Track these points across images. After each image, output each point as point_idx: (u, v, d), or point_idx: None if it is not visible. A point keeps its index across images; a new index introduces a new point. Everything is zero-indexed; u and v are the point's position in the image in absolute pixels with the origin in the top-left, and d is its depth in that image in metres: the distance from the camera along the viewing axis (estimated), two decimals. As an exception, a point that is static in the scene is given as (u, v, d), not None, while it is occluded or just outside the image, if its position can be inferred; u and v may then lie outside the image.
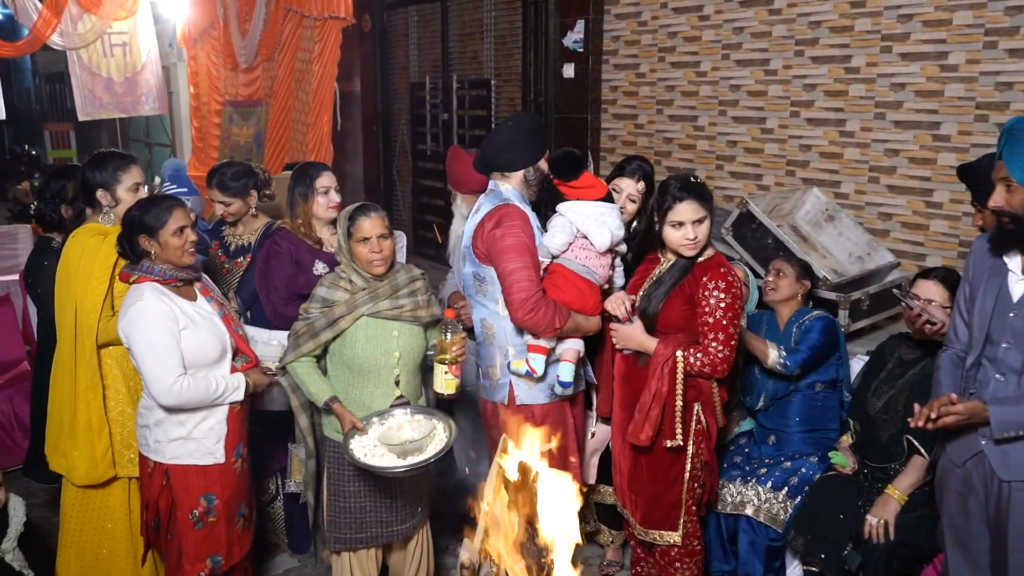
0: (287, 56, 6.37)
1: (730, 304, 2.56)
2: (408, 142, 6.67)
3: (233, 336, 2.55)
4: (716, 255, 2.67)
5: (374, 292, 2.66)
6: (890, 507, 2.61)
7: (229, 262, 3.25)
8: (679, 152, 4.65)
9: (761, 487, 2.95)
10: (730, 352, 2.57)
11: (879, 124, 3.76)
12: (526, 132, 2.72)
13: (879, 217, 3.82)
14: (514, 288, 2.55)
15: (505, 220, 2.58)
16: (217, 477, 2.51)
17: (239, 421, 2.56)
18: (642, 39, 4.75)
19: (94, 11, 7.64)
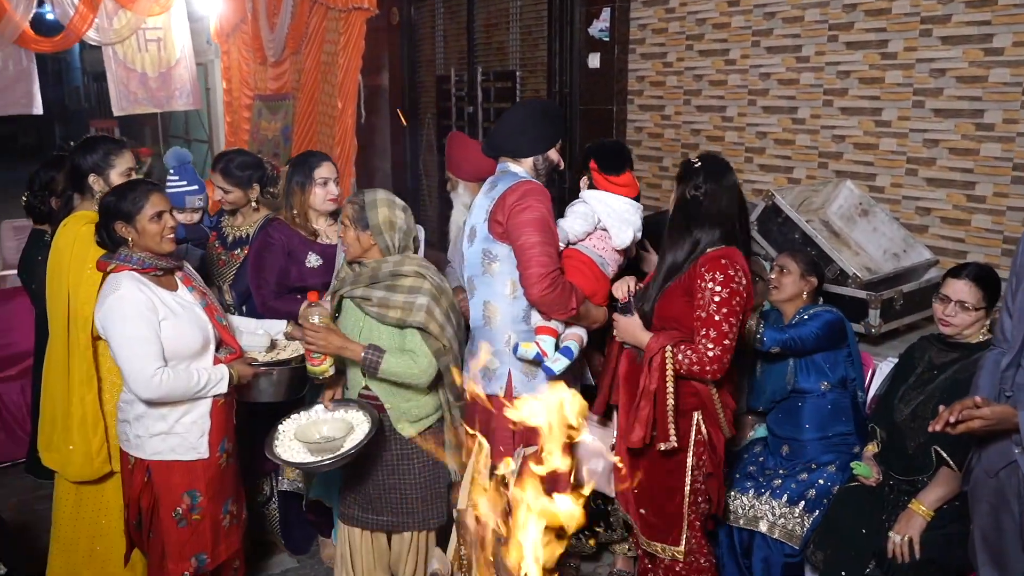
0: (313, 49, 6.32)
1: (725, 299, 2.36)
2: (434, 136, 6.57)
3: (216, 327, 2.45)
4: (726, 248, 2.46)
5: (356, 276, 2.58)
6: (915, 523, 2.41)
7: (226, 254, 3.17)
8: (707, 144, 4.46)
9: (776, 501, 2.77)
10: (722, 352, 2.36)
11: (917, 113, 3.53)
12: (538, 117, 2.63)
13: (917, 211, 3.59)
14: (533, 262, 2.46)
15: (529, 195, 2.50)
16: (201, 473, 2.42)
17: (223, 415, 2.47)
18: (669, 27, 4.56)
19: (129, 7, 7.69)
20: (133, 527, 2.48)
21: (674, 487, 2.50)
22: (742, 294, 2.39)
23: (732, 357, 2.40)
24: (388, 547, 2.71)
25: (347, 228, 2.56)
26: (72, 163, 2.72)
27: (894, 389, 2.69)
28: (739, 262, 2.42)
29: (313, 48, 6.29)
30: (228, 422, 2.52)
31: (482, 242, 2.58)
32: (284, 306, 2.89)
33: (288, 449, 2.41)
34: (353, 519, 2.67)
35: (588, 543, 3.14)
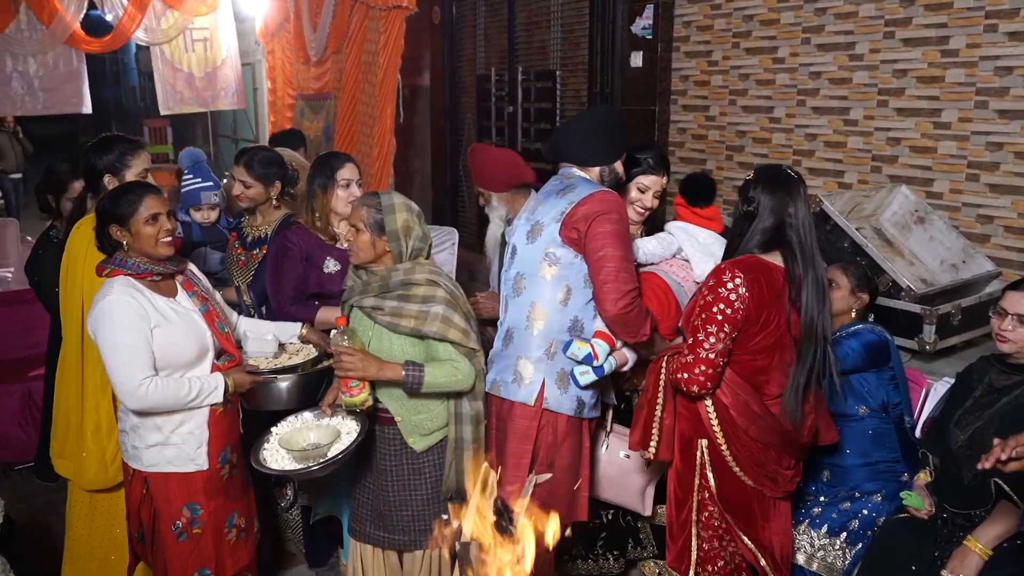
0: (354, 48, 6.27)
1: (708, 303, 2.20)
2: (474, 135, 6.47)
3: (215, 333, 2.36)
4: (748, 257, 2.24)
5: (365, 285, 2.47)
6: (970, 562, 2.20)
7: (245, 254, 3.10)
8: (752, 146, 4.27)
9: (815, 531, 2.58)
10: (694, 361, 2.19)
11: (980, 114, 3.30)
12: (612, 126, 2.52)
13: (978, 219, 3.35)
14: (614, 277, 2.33)
15: (613, 208, 2.37)
16: (201, 485, 2.32)
17: (224, 424, 2.37)
18: (715, 24, 4.38)
19: (177, 7, 7.76)
20: (136, 540, 2.40)
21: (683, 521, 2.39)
22: (732, 304, 2.17)
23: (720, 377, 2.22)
24: (400, 565, 2.60)
25: (361, 232, 2.44)
26: (87, 163, 2.66)
27: (950, 413, 2.47)
28: (746, 269, 2.19)
29: (354, 47, 6.25)
30: (231, 431, 2.42)
31: (547, 243, 2.43)
32: (302, 312, 2.79)
33: (273, 456, 2.32)
34: (364, 535, 2.56)
35: (614, 563, 2.99)
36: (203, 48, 8.23)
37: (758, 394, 2.26)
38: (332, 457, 2.25)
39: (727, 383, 2.25)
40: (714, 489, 2.31)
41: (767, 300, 2.20)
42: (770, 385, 2.27)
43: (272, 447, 2.34)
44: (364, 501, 2.55)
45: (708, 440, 2.30)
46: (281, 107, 8.30)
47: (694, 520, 2.35)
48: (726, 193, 4.47)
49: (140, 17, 7.55)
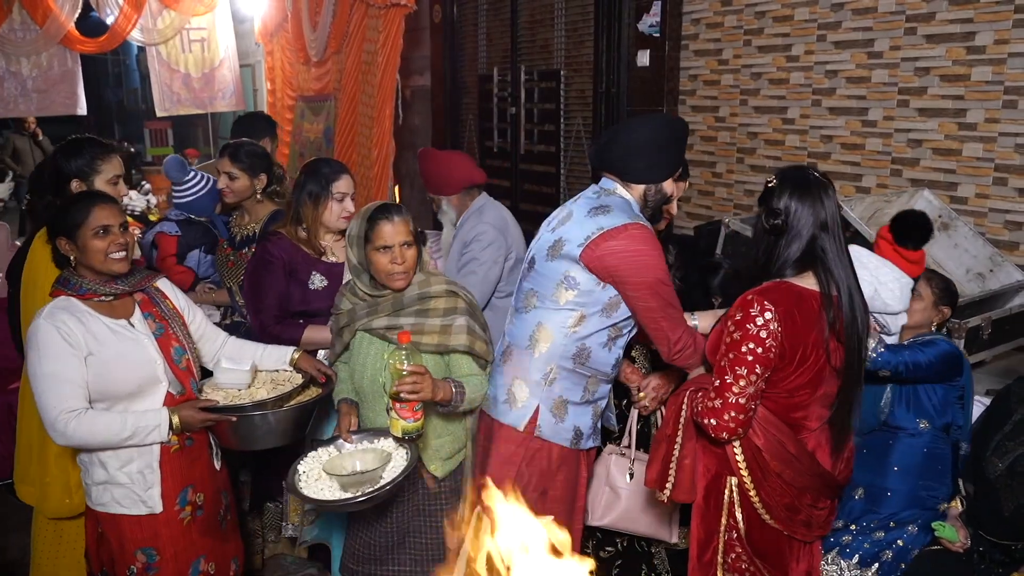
0: (354, 48, 6.11)
1: (735, 343, 1.92)
2: (476, 138, 6.30)
3: (168, 362, 2.14)
4: (781, 282, 1.98)
5: (374, 306, 2.28)
6: None
7: (234, 254, 2.94)
8: (765, 148, 4.09)
9: (845, 561, 2.39)
10: (722, 407, 1.92)
11: (1008, 114, 3.12)
12: (670, 140, 2.23)
13: (1006, 226, 3.17)
14: (663, 335, 2.22)
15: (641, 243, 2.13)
16: (155, 530, 2.10)
17: (181, 463, 2.14)
18: (725, 20, 4.20)
19: (174, 7, 7.62)
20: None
21: (709, 561, 2.14)
22: (763, 342, 1.90)
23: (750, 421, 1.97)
24: None
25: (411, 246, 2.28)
26: (54, 166, 2.48)
27: (986, 438, 2.30)
28: (775, 300, 1.92)
29: (354, 47, 6.09)
30: (193, 471, 2.18)
31: (568, 265, 2.19)
32: (287, 332, 2.58)
33: (316, 488, 2.08)
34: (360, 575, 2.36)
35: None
36: (200, 49, 8.09)
37: (794, 433, 2.00)
38: (389, 482, 2.04)
39: (759, 422, 1.99)
40: (743, 532, 2.07)
41: (803, 333, 1.93)
42: (809, 420, 2.01)
43: (310, 474, 2.13)
44: (366, 539, 2.36)
45: (737, 478, 2.06)
46: (281, 108, 8.14)
47: (719, 563, 2.12)
48: (737, 197, 4.29)
49: (136, 17, 7.41)
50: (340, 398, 2.37)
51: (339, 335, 2.37)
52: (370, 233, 2.23)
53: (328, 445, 2.24)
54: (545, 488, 2.29)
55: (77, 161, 2.46)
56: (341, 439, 2.24)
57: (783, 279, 1.98)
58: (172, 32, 7.79)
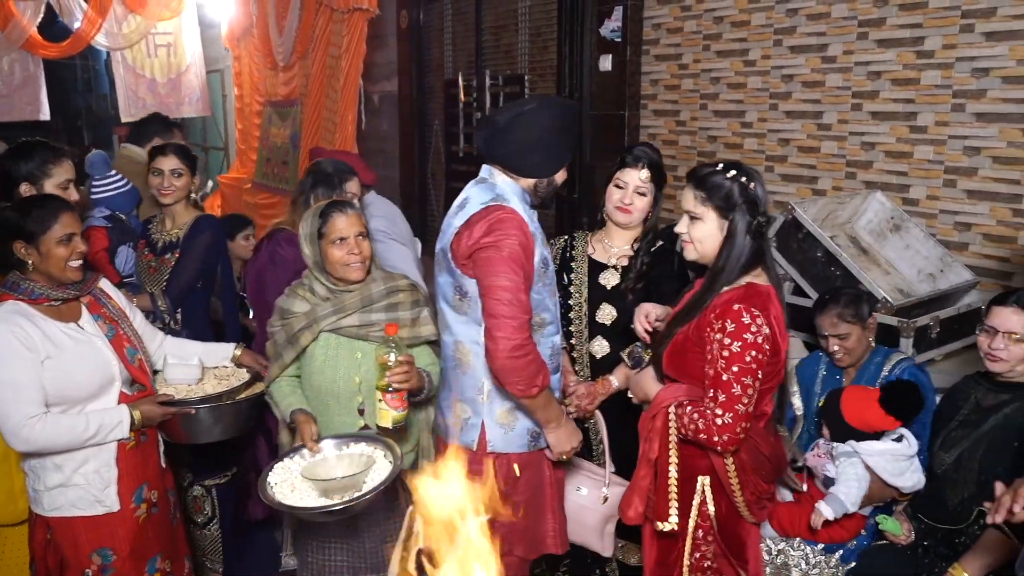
0: (319, 53, 6.10)
1: (737, 354, 1.89)
2: (442, 143, 6.30)
3: (123, 361, 2.14)
4: (748, 285, 1.97)
5: (339, 304, 2.27)
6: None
7: (156, 260, 2.93)
8: (724, 152, 4.13)
9: (810, 547, 2.42)
10: (733, 420, 1.90)
11: (957, 118, 3.17)
12: (558, 132, 2.16)
13: (956, 227, 3.22)
14: (501, 316, 2.03)
15: (501, 225, 2.06)
16: (112, 529, 2.10)
17: (136, 460, 2.15)
18: (685, 26, 4.24)
19: (139, 11, 7.55)
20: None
21: (673, 560, 2.11)
22: (761, 348, 1.90)
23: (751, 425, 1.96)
24: None
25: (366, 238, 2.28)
26: (2, 169, 2.46)
27: (934, 433, 2.34)
28: (759, 304, 1.93)
29: (319, 52, 6.08)
30: (147, 467, 2.20)
31: (449, 275, 2.19)
32: None
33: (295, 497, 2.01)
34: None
35: None
36: (166, 54, 8.02)
37: (762, 429, 2.03)
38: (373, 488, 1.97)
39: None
40: (716, 529, 2.06)
41: (781, 331, 1.96)
42: (767, 409, 2.04)
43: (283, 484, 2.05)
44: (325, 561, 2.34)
45: (712, 476, 2.05)
46: (249, 114, 8.11)
47: (686, 565, 2.09)
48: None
49: (100, 22, 7.32)
50: (292, 410, 2.27)
51: (291, 342, 2.28)
52: (323, 228, 2.23)
53: (293, 455, 2.17)
54: (508, 493, 2.29)
55: (27, 164, 2.44)
56: (304, 449, 2.17)
57: (749, 282, 1.99)
58: (137, 37, 7.72)
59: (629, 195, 2.54)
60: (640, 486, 2.05)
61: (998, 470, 2.10)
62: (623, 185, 2.55)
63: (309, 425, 2.22)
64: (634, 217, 2.57)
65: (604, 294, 2.63)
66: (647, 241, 2.62)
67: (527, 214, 2.17)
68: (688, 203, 2.02)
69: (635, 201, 2.54)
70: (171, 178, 2.88)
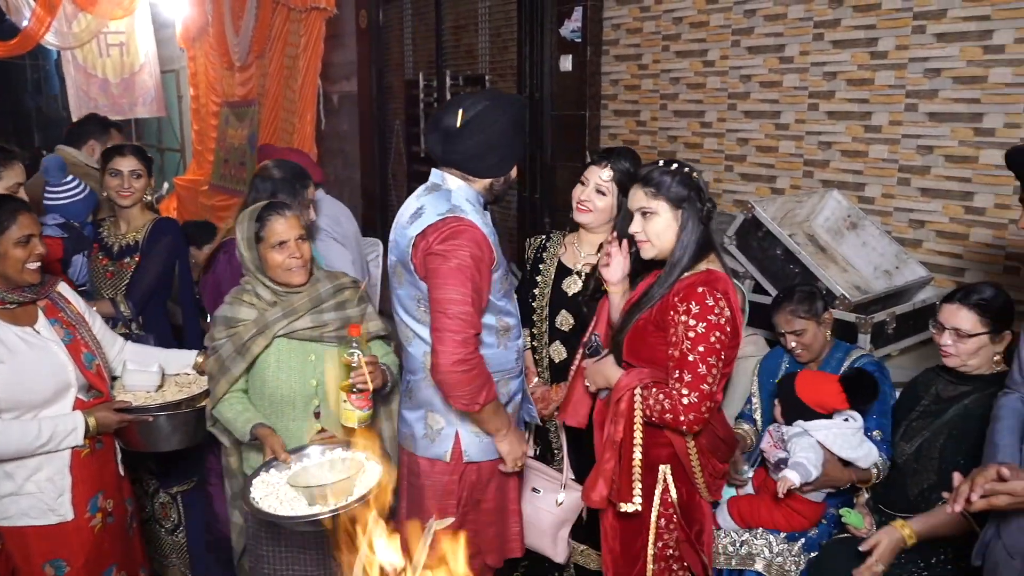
0: (277, 53, 6.03)
1: (702, 335, 1.96)
2: (403, 143, 6.26)
3: (79, 367, 2.09)
4: (708, 271, 2.05)
5: (289, 307, 2.22)
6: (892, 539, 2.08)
7: (113, 264, 2.86)
8: (684, 152, 4.16)
9: (773, 536, 2.45)
10: (699, 399, 1.96)
11: (910, 117, 3.23)
12: (511, 131, 2.13)
13: (910, 224, 3.28)
14: (449, 325, 1.99)
15: (454, 237, 2.02)
16: (65, 538, 2.05)
17: (92, 468, 2.11)
18: (644, 26, 4.27)
19: (90, 10, 7.38)
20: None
21: (636, 551, 2.15)
22: (724, 328, 1.98)
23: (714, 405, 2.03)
24: None
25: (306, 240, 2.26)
26: None
27: (895, 424, 2.38)
28: (720, 288, 2.01)
29: (276, 52, 6.01)
30: (102, 475, 2.15)
31: (411, 286, 2.15)
32: None
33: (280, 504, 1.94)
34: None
35: None
36: (119, 53, 7.86)
37: (717, 413, 2.10)
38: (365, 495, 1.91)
39: None
40: (679, 514, 2.12)
41: (739, 315, 2.04)
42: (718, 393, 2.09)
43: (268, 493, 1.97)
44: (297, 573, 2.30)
45: (672, 464, 2.10)
46: (205, 115, 7.98)
47: (650, 555, 2.13)
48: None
49: (50, 20, 7.13)
50: (252, 425, 2.19)
51: (241, 352, 2.19)
52: (262, 232, 2.19)
53: (268, 469, 2.09)
54: (478, 499, 2.27)
55: None
56: (278, 462, 2.10)
57: (708, 268, 2.06)
58: (88, 36, 7.56)
59: (588, 192, 2.53)
60: (605, 469, 2.07)
61: (958, 460, 2.15)
62: (585, 182, 2.55)
63: (277, 437, 2.16)
64: (593, 217, 2.56)
65: (564, 300, 2.63)
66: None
67: (483, 220, 2.14)
68: (640, 201, 2.06)
69: (594, 199, 2.53)
70: (130, 179, 2.81)
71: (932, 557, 2.15)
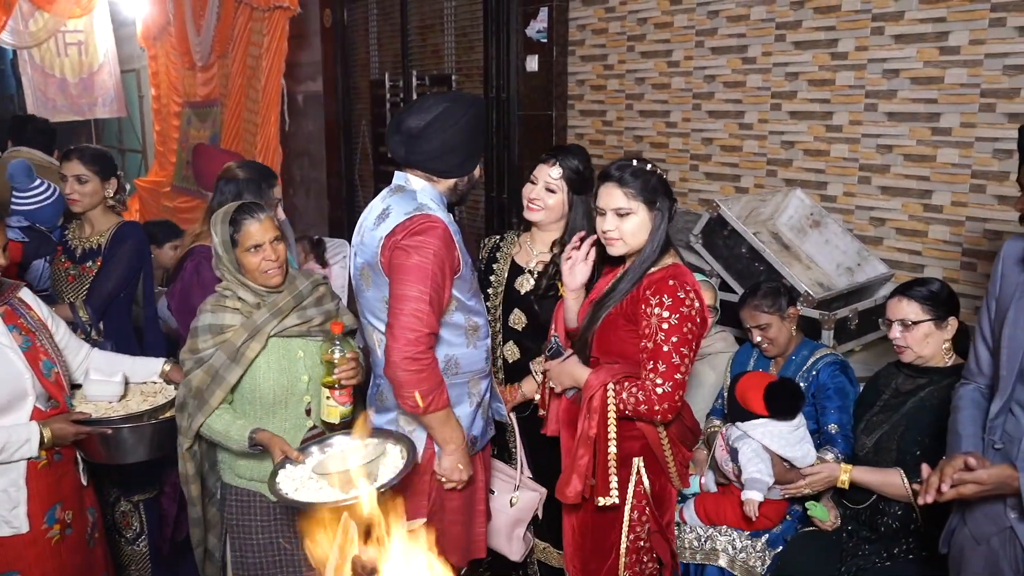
0: (239, 52, 5.96)
1: (675, 326, 2.02)
2: (369, 144, 6.23)
3: (37, 375, 2.05)
4: (674, 265, 2.12)
5: (275, 307, 2.21)
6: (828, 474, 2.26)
7: (75, 268, 2.80)
8: (650, 151, 4.19)
9: (736, 533, 2.49)
10: (673, 388, 2.02)
11: (870, 116, 3.30)
12: (476, 127, 2.16)
13: (871, 222, 3.35)
14: (403, 322, 1.98)
15: (421, 233, 2.01)
16: (21, 551, 1.99)
17: (49, 479, 2.05)
18: (610, 27, 4.29)
19: (47, 8, 7.23)
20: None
21: (611, 545, 2.18)
22: (695, 320, 2.05)
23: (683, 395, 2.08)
24: None
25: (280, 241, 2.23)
26: None
27: (857, 420, 2.43)
28: (689, 282, 2.08)
29: (239, 51, 5.94)
30: (60, 486, 2.09)
31: (379, 286, 2.13)
32: None
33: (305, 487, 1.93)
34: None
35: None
36: (77, 52, 7.72)
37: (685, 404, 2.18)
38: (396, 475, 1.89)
39: None
40: (651, 505, 2.19)
41: (706, 306, 2.13)
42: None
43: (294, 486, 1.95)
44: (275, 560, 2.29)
45: (645, 456, 2.16)
46: (166, 115, 7.86)
47: (623, 548, 2.18)
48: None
49: (5, 19, 6.97)
50: (249, 431, 2.14)
51: (235, 359, 2.14)
52: (236, 235, 2.16)
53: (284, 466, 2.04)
54: (443, 500, 2.27)
55: None
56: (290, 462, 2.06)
57: (674, 262, 2.14)
58: (46, 35, 7.41)
59: (538, 191, 2.54)
60: (579, 465, 2.09)
61: (915, 451, 2.20)
62: (535, 181, 2.56)
63: (279, 438, 2.13)
64: (543, 215, 2.56)
65: (517, 299, 2.63)
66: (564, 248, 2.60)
67: (448, 219, 2.14)
68: (617, 201, 2.08)
69: (543, 198, 2.54)
70: (75, 184, 2.73)
71: (895, 547, 2.20)
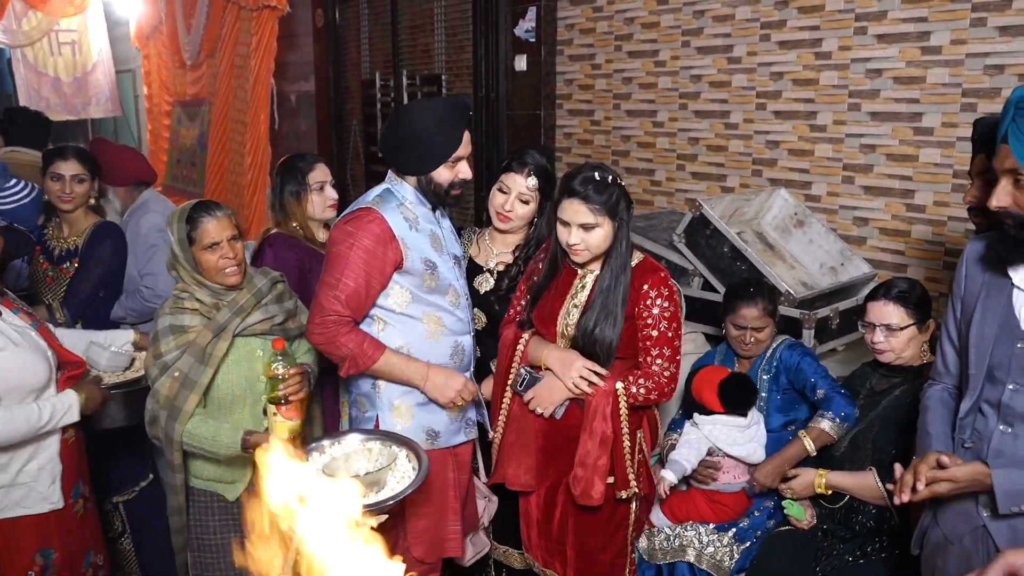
0: (227, 52, 5.94)
1: (674, 313, 2.25)
2: (360, 144, 6.23)
3: (55, 348, 2.10)
4: (645, 258, 2.32)
5: (236, 305, 2.20)
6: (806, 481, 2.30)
7: (53, 269, 2.81)
8: (638, 151, 4.20)
9: (702, 528, 2.49)
10: (676, 369, 2.27)
11: (853, 116, 3.30)
12: (438, 126, 2.12)
13: (854, 222, 3.35)
14: (315, 303, 2.13)
15: (351, 226, 2.09)
16: (55, 526, 2.06)
17: (75, 454, 2.13)
18: (597, 27, 4.29)
19: (40, 7, 7.22)
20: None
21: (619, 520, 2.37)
22: (679, 304, 2.32)
23: None
24: None
25: (239, 240, 2.24)
26: None
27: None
28: (666, 272, 2.32)
29: (227, 50, 5.93)
30: (81, 461, 2.18)
31: None
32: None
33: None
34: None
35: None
36: (71, 52, 7.72)
37: None
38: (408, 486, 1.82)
39: None
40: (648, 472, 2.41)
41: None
42: None
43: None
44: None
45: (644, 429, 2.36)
46: (158, 114, 7.86)
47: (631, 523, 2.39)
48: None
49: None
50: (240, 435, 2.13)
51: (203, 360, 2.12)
52: (193, 233, 2.15)
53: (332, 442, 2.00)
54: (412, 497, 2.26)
55: None
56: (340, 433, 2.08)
57: (645, 256, 2.33)
58: (39, 34, 7.40)
59: (511, 201, 2.53)
60: (599, 467, 2.20)
61: (890, 450, 2.20)
62: (506, 190, 2.54)
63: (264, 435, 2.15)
64: (514, 224, 2.58)
65: (476, 299, 2.62)
66: (528, 252, 2.60)
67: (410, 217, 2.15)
68: (583, 217, 2.15)
69: (516, 208, 2.54)
70: (72, 184, 2.74)
71: (868, 546, 2.20)
